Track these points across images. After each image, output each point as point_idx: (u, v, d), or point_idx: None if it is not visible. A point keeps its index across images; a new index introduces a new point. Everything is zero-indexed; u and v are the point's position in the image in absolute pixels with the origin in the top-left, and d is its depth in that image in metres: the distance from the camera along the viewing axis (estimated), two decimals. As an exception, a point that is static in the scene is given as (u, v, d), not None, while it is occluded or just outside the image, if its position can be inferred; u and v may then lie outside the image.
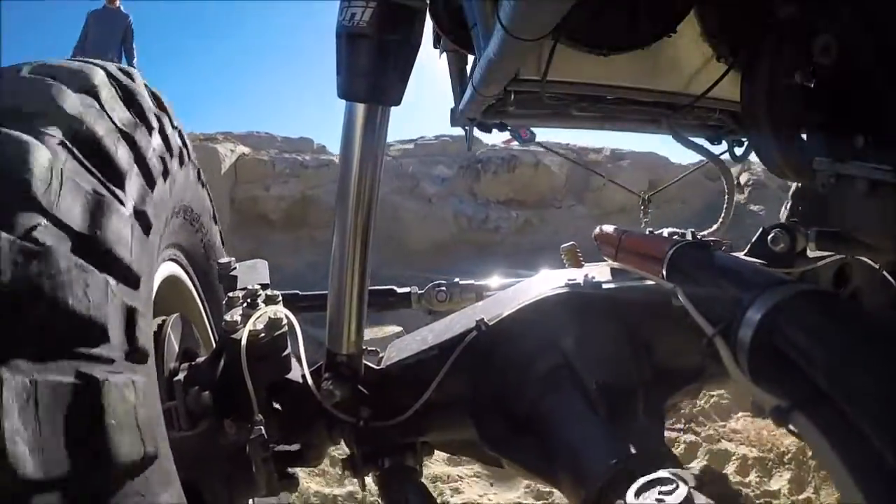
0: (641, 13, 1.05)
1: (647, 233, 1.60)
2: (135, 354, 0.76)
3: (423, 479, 1.24)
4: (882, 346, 0.61)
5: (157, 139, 1.10)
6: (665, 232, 1.52)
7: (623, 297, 1.25)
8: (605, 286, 1.26)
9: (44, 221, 0.67)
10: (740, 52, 1.12)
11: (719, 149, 1.56)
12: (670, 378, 1.26)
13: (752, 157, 1.40)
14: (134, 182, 0.91)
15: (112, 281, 0.75)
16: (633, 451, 0.93)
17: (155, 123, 1.11)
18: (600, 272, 1.36)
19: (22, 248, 0.63)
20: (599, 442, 0.97)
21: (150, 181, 0.98)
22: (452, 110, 1.71)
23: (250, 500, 1.54)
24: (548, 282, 1.29)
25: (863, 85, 0.74)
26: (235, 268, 1.47)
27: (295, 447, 1.29)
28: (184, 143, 1.36)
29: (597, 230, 1.57)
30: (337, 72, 1.01)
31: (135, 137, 0.95)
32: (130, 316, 0.77)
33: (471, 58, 1.46)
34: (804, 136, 0.89)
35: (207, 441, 1.10)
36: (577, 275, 1.31)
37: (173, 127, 1.27)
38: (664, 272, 1.04)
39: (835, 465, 0.55)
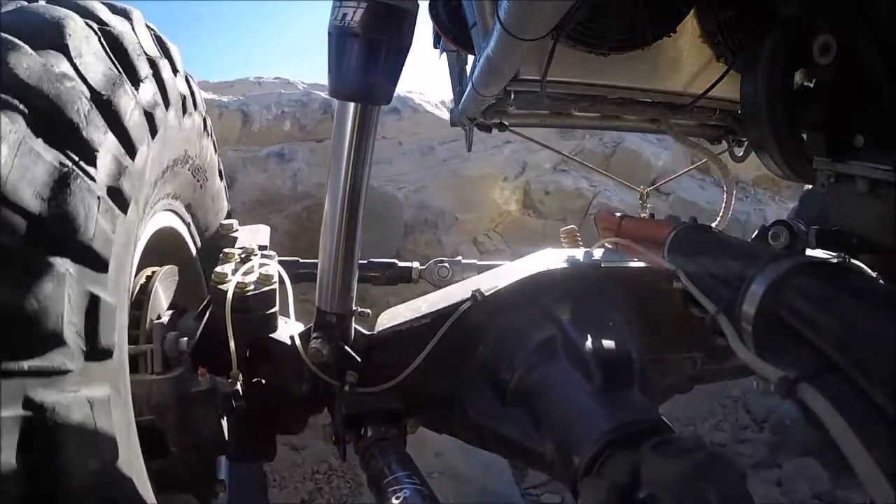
0: (641, 13, 1.05)
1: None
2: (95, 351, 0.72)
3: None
4: (889, 312, 0.61)
5: (147, 91, 0.99)
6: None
7: (621, 274, 1.25)
8: (604, 264, 1.26)
9: None
10: (740, 52, 1.12)
11: (719, 149, 1.56)
12: (663, 362, 1.26)
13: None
14: (109, 151, 0.81)
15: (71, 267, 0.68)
16: (629, 418, 0.92)
17: (146, 71, 1.01)
18: (599, 253, 1.37)
19: None
20: (595, 409, 0.96)
21: (130, 149, 0.89)
22: (452, 110, 1.71)
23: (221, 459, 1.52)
24: (547, 259, 1.30)
25: (862, 84, 0.74)
26: (238, 230, 1.46)
27: (275, 412, 1.25)
28: (190, 91, 1.29)
29: (597, 213, 1.58)
30: (328, 70, 1.02)
31: (112, 99, 0.85)
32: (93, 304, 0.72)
33: (471, 58, 1.46)
34: (804, 136, 0.89)
35: (180, 389, 1.08)
36: (576, 253, 1.32)
37: (175, 73, 1.18)
38: (665, 254, 1.04)
39: (845, 434, 0.54)
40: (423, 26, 1.22)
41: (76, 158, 0.73)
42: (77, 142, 0.75)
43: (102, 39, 0.89)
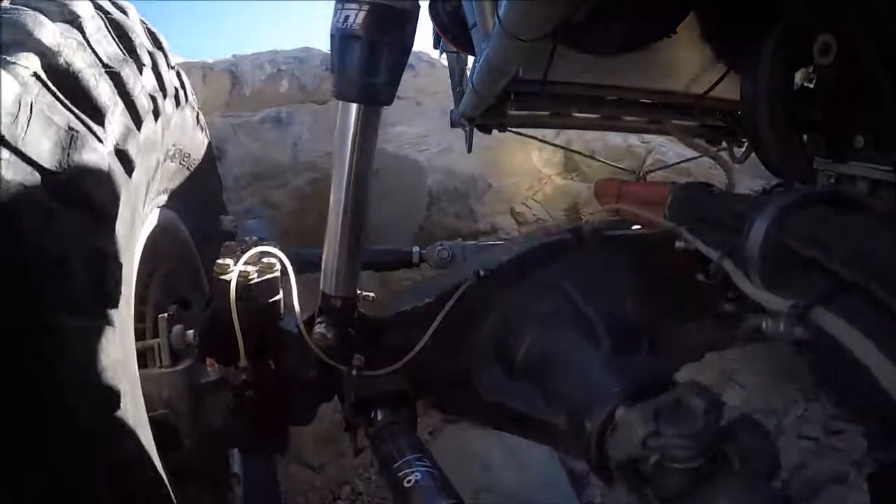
0: (641, 14, 1.05)
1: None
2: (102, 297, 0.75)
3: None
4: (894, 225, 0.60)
5: (148, 77, 1.07)
6: None
7: (624, 241, 1.25)
8: (606, 232, 1.26)
9: (8, 155, 0.65)
10: (740, 53, 1.12)
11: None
12: (671, 330, 1.26)
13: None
14: (117, 119, 0.89)
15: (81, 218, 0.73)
16: (642, 378, 0.89)
17: (147, 60, 1.08)
18: (601, 222, 1.37)
19: None
20: (605, 373, 0.94)
21: (136, 120, 0.96)
22: (452, 111, 1.71)
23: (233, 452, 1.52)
24: (547, 232, 1.30)
25: (863, 84, 0.74)
26: (237, 224, 1.47)
27: (285, 401, 1.25)
28: (181, 84, 1.34)
29: (596, 182, 1.58)
30: (331, 72, 1.02)
31: (121, 73, 0.92)
32: (98, 256, 0.75)
33: (471, 58, 1.47)
34: (804, 136, 0.89)
35: (189, 381, 1.08)
36: (577, 225, 1.31)
37: (169, 66, 1.25)
38: (666, 213, 1.04)
39: (868, 350, 0.54)
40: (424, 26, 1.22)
41: (88, 121, 0.83)
42: (89, 105, 0.84)
43: (108, 24, 0.98)
